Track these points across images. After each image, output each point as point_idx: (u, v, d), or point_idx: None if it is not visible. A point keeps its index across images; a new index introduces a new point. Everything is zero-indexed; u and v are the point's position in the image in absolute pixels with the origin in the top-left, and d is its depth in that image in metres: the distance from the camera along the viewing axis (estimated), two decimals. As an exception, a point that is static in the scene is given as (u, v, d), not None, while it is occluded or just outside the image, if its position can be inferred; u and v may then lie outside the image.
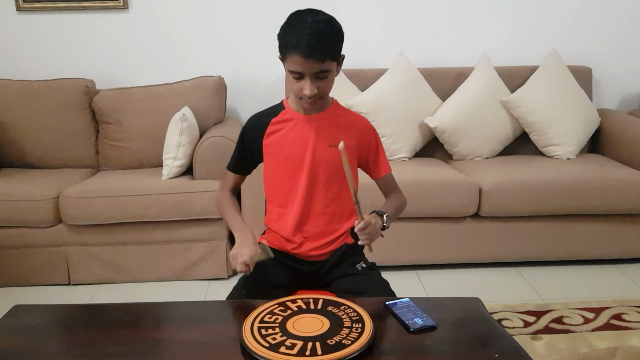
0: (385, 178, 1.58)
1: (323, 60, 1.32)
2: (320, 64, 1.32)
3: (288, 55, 1.33)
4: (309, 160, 1.46)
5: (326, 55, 1.32)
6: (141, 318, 1.27)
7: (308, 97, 1.36)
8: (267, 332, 1.12)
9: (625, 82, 3.29)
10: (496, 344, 1.14)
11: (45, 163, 2.90)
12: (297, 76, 1.35)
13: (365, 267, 1.53)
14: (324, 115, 1.48)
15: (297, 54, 1.30)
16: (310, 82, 1.34)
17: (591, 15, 3.18)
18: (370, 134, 1.54)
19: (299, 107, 1.48)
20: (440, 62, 3.17)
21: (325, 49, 1.32)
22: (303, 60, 1.31)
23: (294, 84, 1.37)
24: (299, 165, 1.47)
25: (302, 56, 1.30)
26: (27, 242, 2.52)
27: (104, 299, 2.47)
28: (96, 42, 3.10)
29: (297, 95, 1.40)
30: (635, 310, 2.24)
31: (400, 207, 1.59)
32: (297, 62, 1.32)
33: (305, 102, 1.40)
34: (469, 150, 2.92)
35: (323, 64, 1.33)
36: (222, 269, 2.60)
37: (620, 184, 2.55)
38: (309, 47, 1.29)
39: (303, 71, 1.33)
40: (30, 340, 1.16)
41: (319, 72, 1.34)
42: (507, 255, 2.66)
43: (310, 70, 1.33)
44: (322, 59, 1.32)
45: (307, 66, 1.32)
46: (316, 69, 1.33)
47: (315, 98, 1.38)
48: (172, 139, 2.58)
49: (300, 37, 1.29)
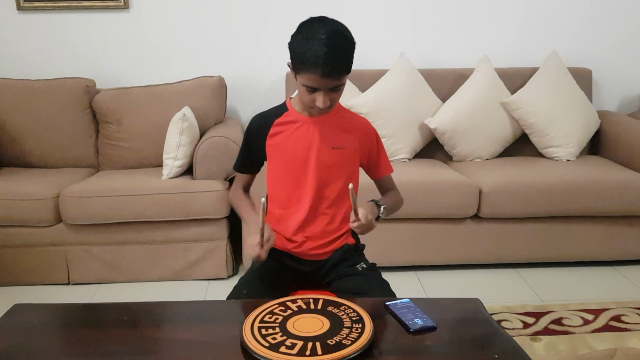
0: (386, 178, 1.60)
1: (340, 77, 1.32)
2: (336, 80, 1.32)
3: (303, 72, 1.31)
4: (313, 162, 1.46)
5: (342, 71, 1.32)
6: (141, 318, 1.27)
7: (320, 109, 1.36)
8: (267, 331, 1.12)
9: (625, 84, 3.29)
10: (495, 345, 1.14)
11: (46, 162, 2.90)
12: (311, 90, 1.34)
13: (365, 267, 1.54)
14: (327, 117, 1.48)
15: (314, 73, 1.28)
16: (324, 96, 1.34)
17: (591, 17, 3.19)
18: (372, 135, 1.55)
19: (303, 110, 1.47)
20: (440, 63, 3.17)
21: (343, 65, 1.31)
22: (321, 78, 1.29)
23: (306, 95, 1.36)
24: (302, 167, 1.47)
25: (319, 75, 1.29)
26: (27, 242, 2.52)
27: (103, 298, 2.47)
28: (97, 41, 3.10)
29: (308, 105, 1.39)
30: (634, 312, 2.24)
31: (397, 203, 1.61)
32: (312, 80, 1.31)
33: (315, 111, 1.41)
34: (469, 152, 2.92)
35: (339, 80, 1.33)
36: (222, 268, 2.60)
37: (620, 185, 2.56)
38: (326, 67, 1.27)
39: (319, 87, 1.32)
40: (29, 340, 1.16)
41: (334, 87, 1.34)
42: (506, 257, 2.66)
43: (325, 86, 1.32)
44: (340, 75, 1.32)
45: (324, 83, 1.31)
46: (333, 84, 1.33)
47: (326, 109, 1.38)
48: (173, 139, 2.58)
49: (317, 56, 1.26)
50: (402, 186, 1.64)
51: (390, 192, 1.62)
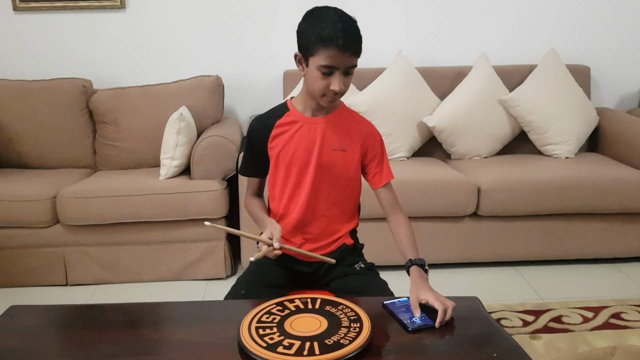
0: (387, 187, 1.51)
1: (358, 54, 1.31)
2: (354, 57, 1.31)
3: (320, 49, 1.29)
4: (314, 163, 1.44)
5: (359, 48, 1.31)
6: (139, 318, 1.27)
7: (335, 93, 1.34)
8: (265, 331, 1.12)
9: (624, 81, 3.29)
10: (495, 344, 1.14)
11: (43, 163, 2.89)
12: (328, 71, 1.31)
13: (363, 267, 1.53)
14: (330, 117, 1.46)
15: (333, 46, 1.27)
16: (340, 78, 1.32)
17: (589, 14, 3.18)
18: (376, 139, 1.52)
19: (305, 109, 1.45)
20: (438, 61, 3.16)
21: (360, 41, 1.31)
22: (339, 53, 1.28)
23: (321, 80, 1.33)
24: (304, 168, 1.45)
25: (338, 49, 1.27)
26: (24, 243, 2.51)
27: (101, 299, 2.46)
28: (93, 41, 3.09)
29: (321, 92, 1.35)
30: (634, 310, 2.24)
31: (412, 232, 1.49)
32: (332, 56, 1.29)
33: (328, 98, 1.37)
34: (468, 150, 2.91)
35: (356, 58, 1.32)
36: (220, 269, 2.60)
37: (618, 182, 2.55)
38: (346, 39, 1.27)
39: (337, 65, 1.30)
40: (26, 342, 1.16)
41: (350, 67, 1.33)
42: (505, 255, 2.66)
43: (344, 64, 1.31)
44: (358, 51, 1.31)
45: (343, 59, 1.30)
46: (349, 62, 1.31)
47: (339, 95, 1.36)
48: (170, 139, 2.58)
49: (335, 29, 1.27)
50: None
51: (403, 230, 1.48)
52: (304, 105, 1.46)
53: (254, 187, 1.58)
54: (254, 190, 1.58)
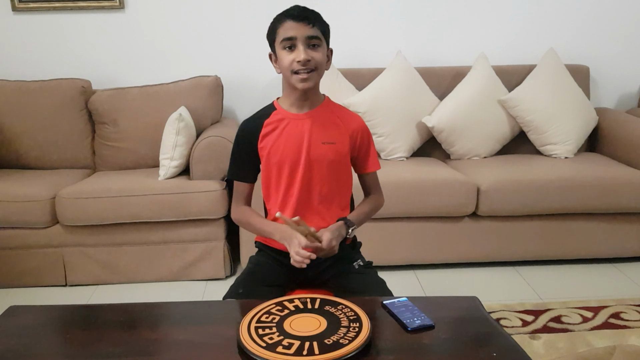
0: (371, 175, 1.58)
1: (313, 24, 1.37)
2: (310, 27, 1.37)
3: (279, 29, 1.38)
4: (304, 158, 1.46)
5: (315, 21, 1.38)
6: (138, 318, 1.27)
7: (302, 63, 1.37)
8: (264, 331, 1.11)
9: (623, 81, 3.29)
10: (494, 343, 1.14)
11: (42, 164, 2.89)
12: (289, 44, 1.37)
13: (362, 265, 1.54)
14: (316, 112, 1.48)
15: (288, 19, 1.37)
16: (303, 48, 1.36)
17: (589, 14, 3.18)
18: (363, 132, 1.54)
19: (291, 105, 1.48)
20: (437, 61, 3.16)
21: (314, 14, 1.39)
22: (294, 23, 1.36)
23: (287, 57, 1.38)
24: (295, 163, 1.47)
25: (293, 19, 1.36)
26: (23, 243, 2.51)
27: (101, 299, 2.46)
28: (92, 42, 3.09)
29: (290, 68, 1.39)
30: (633, 309, 2.24)
31: (374, 209, 1.60)
32: (288, 27, 1.37)
33: (301, 76, 1.39)
34: (467, 150, 2.91)
35: (313, 29, 1.37)
36: (219, 269, 2.59)
37: (618, 182, 2.55)
38: (299, 10, 1.37)
39: (295, 35, 1.36)
40: (26, 341, 1.15)
41: (311, 38, 1.37)
42: (505, 255, 2.65)
43: (302, 34, 1.36)
44: (312, 23, 1.37)
45: (299, 30, 1.36)
46: (307, 32, 1.36)
47: (310, 67, 1.38)
48: (169, 139, 2.57)
49: (288, 9, 1.39)
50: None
51: (367, 200, 1.60)
52: (289, 102, 1.48)
53: (244, 194, 1.57)
54: (244, 199, 1.58)
